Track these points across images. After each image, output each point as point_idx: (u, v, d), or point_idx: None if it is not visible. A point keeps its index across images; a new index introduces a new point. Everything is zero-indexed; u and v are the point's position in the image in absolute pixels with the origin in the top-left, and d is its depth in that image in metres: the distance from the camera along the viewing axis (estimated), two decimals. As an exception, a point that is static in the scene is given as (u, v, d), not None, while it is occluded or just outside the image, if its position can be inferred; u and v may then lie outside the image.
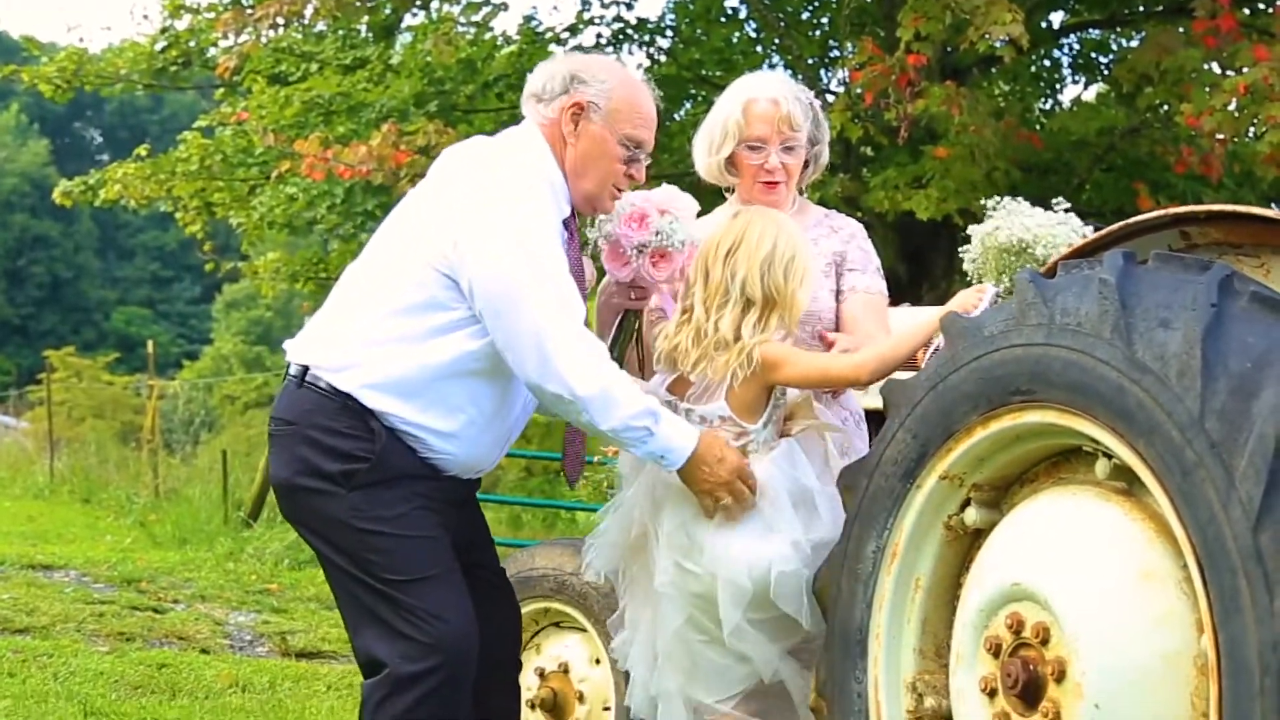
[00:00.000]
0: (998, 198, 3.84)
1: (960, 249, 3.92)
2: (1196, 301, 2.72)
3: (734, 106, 4.05)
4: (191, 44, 14.26)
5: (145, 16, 19.08)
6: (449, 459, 3.61)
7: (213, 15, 13.70)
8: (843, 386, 3.92)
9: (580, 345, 3.49)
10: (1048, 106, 14.34)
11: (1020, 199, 3.80)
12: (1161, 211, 3.16)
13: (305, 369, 3.59)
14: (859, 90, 10.70)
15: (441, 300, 3.52)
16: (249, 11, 12.45)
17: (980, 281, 3.74)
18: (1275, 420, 2.51)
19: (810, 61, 13.05)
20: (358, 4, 12.76)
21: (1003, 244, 3.70)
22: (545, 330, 3.44)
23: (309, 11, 12.38)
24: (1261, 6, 12.00)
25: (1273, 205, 12.40)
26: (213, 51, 14.02)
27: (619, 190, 3.76)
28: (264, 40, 12.92)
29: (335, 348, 3.58)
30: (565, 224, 3.69)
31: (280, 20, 12.23)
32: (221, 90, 15.04)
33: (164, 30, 14.37)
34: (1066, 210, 3.73)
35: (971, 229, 3.83)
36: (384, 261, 3.66)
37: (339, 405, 3.52)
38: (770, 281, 3.67)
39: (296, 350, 3.68)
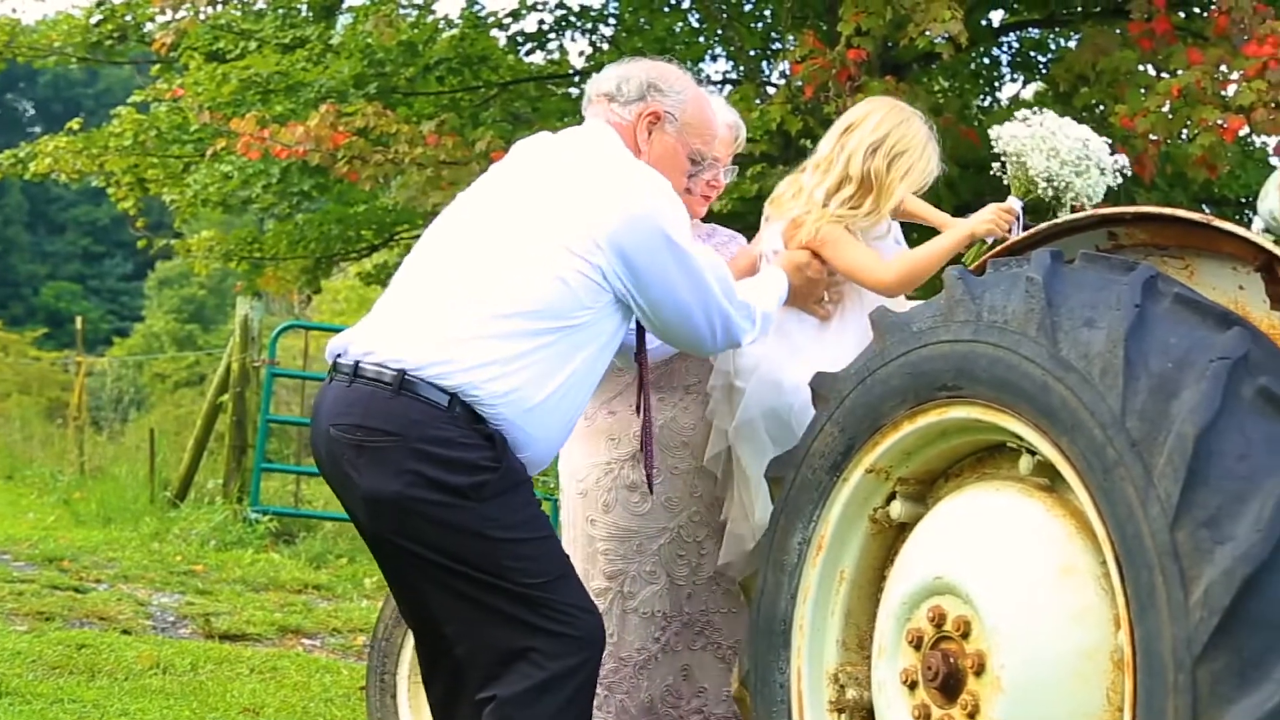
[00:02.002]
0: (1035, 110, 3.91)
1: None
2: (1121, 302, 2.75)
3: None
4: (128, 18, 14.07)
5: (81, -12, 18.82)
6: (532, 458, 3.52)
7: (150, -10, 13.53)
8: (870, 288, 3.99)
9: (737, 302, 3.66)
10: (986, 104, 14.43)
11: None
12: (1089, 212, 3.20)
13: (402, 373, 3.36)
14: (799, 83, 10.73)
15: (577, 298, 3.42)
16: (186, -13, 12.30)
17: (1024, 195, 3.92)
18: (1194, 420, 2.55)
19: (752, 53, 13.08)
20: (298, -18, 12.67)
21: (1062, 155, 3.82)
22: (714, 302, 3.57)
23: (248, -12, 12.27)
24: (1196, 10, 12.13)
25: (1203, 207, 12.58)
26: (149, 27, 13.85)
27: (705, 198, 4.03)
28: (202, 17, 12.77)
29: (441, 350, 3.37)
30: None
31: (218, -2, 12.10)
32: (158, 66, 14.85)
33: (99, 3, 14.17)
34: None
35: (1018, 133, 3.90)
36: (491, 256, 3.47)
37: (448, 414, 3.33)
38: (872, 166, 3.92)
39: (382, 350, 3.42)
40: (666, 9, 13.74)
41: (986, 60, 14.21)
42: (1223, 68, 10.03)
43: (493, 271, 3.45)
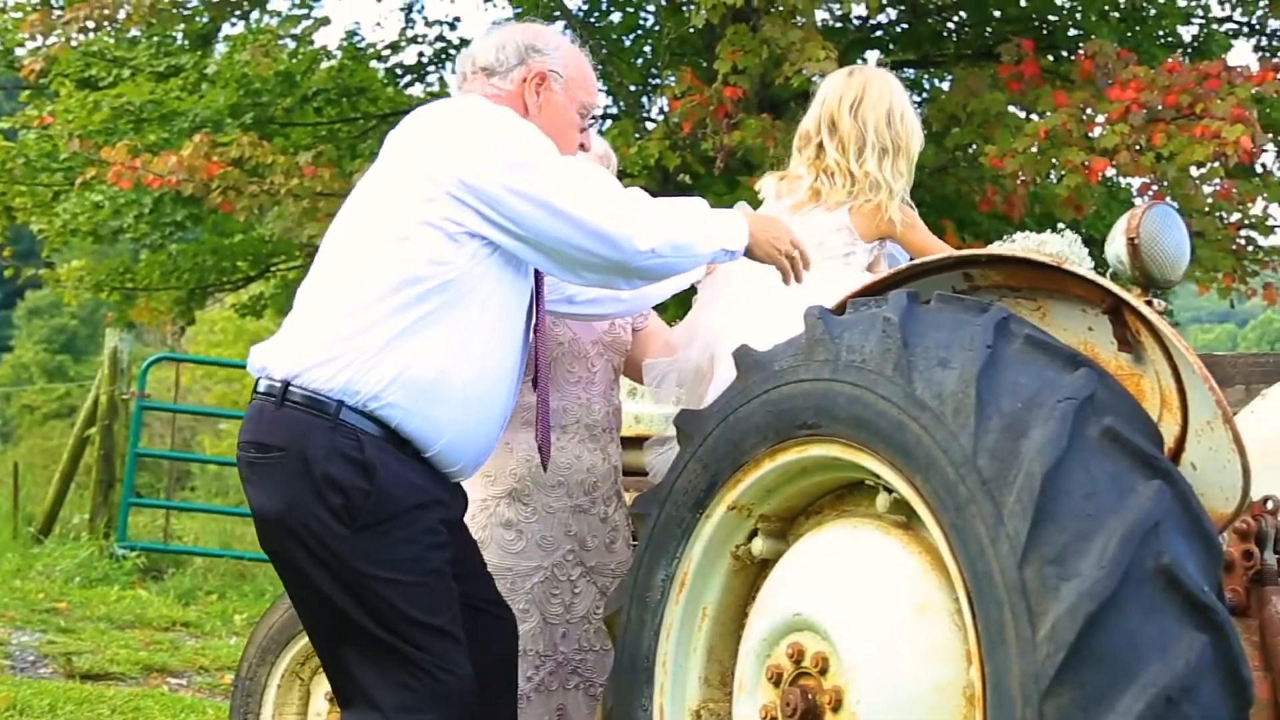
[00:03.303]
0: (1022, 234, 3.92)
1: None
2: (973, 342, 2.80)
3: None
4: (-4, 43, 13.82)
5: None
6: (454, 451, 3.38)
7: (19, 15, 13.28)
8: None
9: (633, 205, 3.42)
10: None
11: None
12: (945, 254, 3.25)
13: (285, 384, 3.27)
14: (678, 119, 10.82)
15: (427, 253, 3.26)
16: (57, 14, 12.10)
17: None
18: (1042, 459, 2.60)
19: (631, 89, 13.16)
20: (173, 11, 12.51)
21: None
22: (611, 207, 3.34)
23: (121, 15, 12.09)
24: (1064, 54, 12.43)
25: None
26: (19, 52, 13.60)
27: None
28: (74, 43, 12.58)
29: (320, 351, 3.27)
30: None
31: (90, 24, 11.91)
32: (27, 92, 14.57)
33: (-34, 28, 13.90)
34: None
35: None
36: (348, 243, 3.38)
37: (331, 422, 3.23)
38: (894, 132, 4.06)
39: (272, 362, 3.34)
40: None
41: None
42: (1088, 110, 10.31)
43: (350, 257, 3.36)
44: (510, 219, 3.29)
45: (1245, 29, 13.62)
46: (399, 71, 14.28)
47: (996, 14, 12.85)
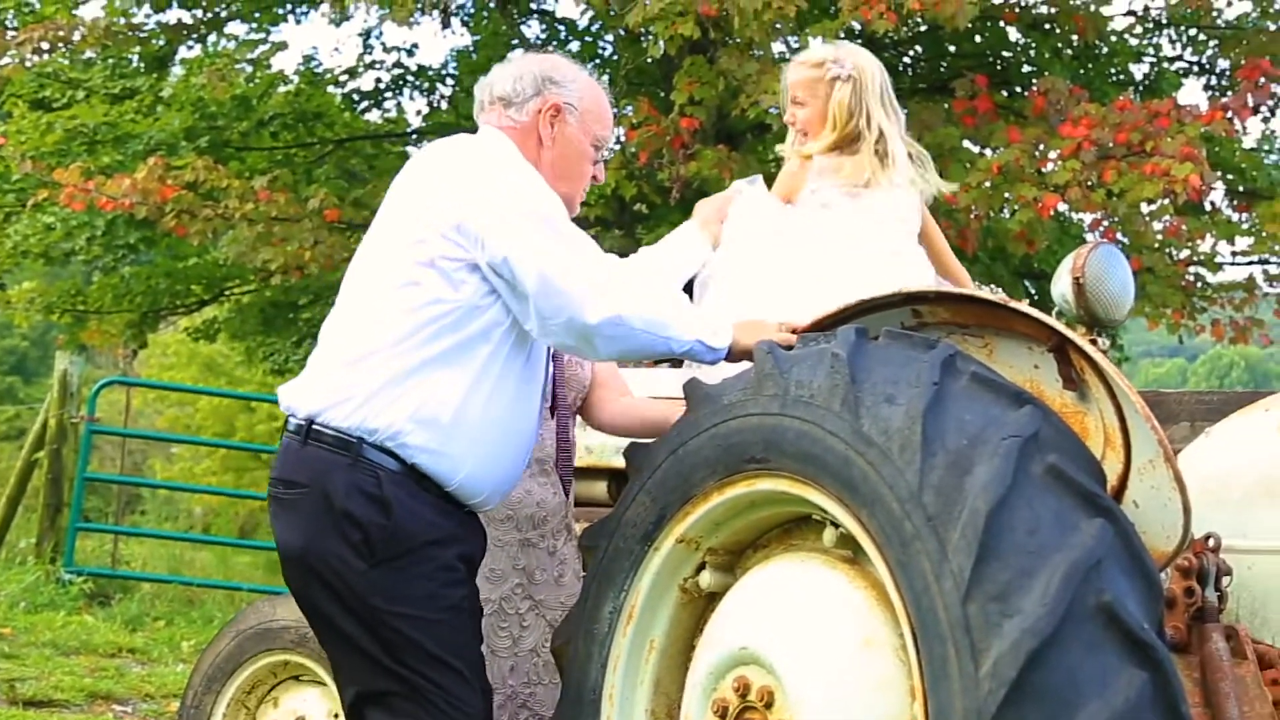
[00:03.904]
0: None
1: None
2: (920, 379, 2.83)
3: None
4: (-52, 63, 13.73)
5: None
6: (475, 484, 3.40)
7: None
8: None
9: (627, 275, 3.45)
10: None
11: None
12: (894, 290, 3.28)
13: (309, 421, 3.33)
14: (634, 149, 10.86)
15: (434, 293, 3.31)
16: (11, 35, 12.04)
17: None
18: (986, 496, 2.63)
19: (588, 117, 13.18)
20: (129, 34, 12.47)
21: None
22: (589, 268, 3.32)
23: (76, 37, 12.05)
24: (1018, 89, 12.56)
25: (1024, 281, 12.98)
26: (-27, 72, 13.53)
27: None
28: (28, 64, 12.51)
29: (340, 390, 3.32)
30: None
31: (45, 46, 11.86)
32: (-21, 112, 14.49)
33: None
34: None
35: None
36: (364, 281, 3.44)
37: (350, 458, 3.28)
38: (894, 112, 4.08)
39: (298, 400, 3.40)
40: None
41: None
42: (1041, 146, 10.41)
43: (363, 296, 3.42)
44: (490, 261, 3.32)
45: (1195, 68, 13.81)
46: (356, 97, 14.28)
47: (951, 49, 12.98)
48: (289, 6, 13.65)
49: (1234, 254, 12.44)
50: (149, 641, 9.29)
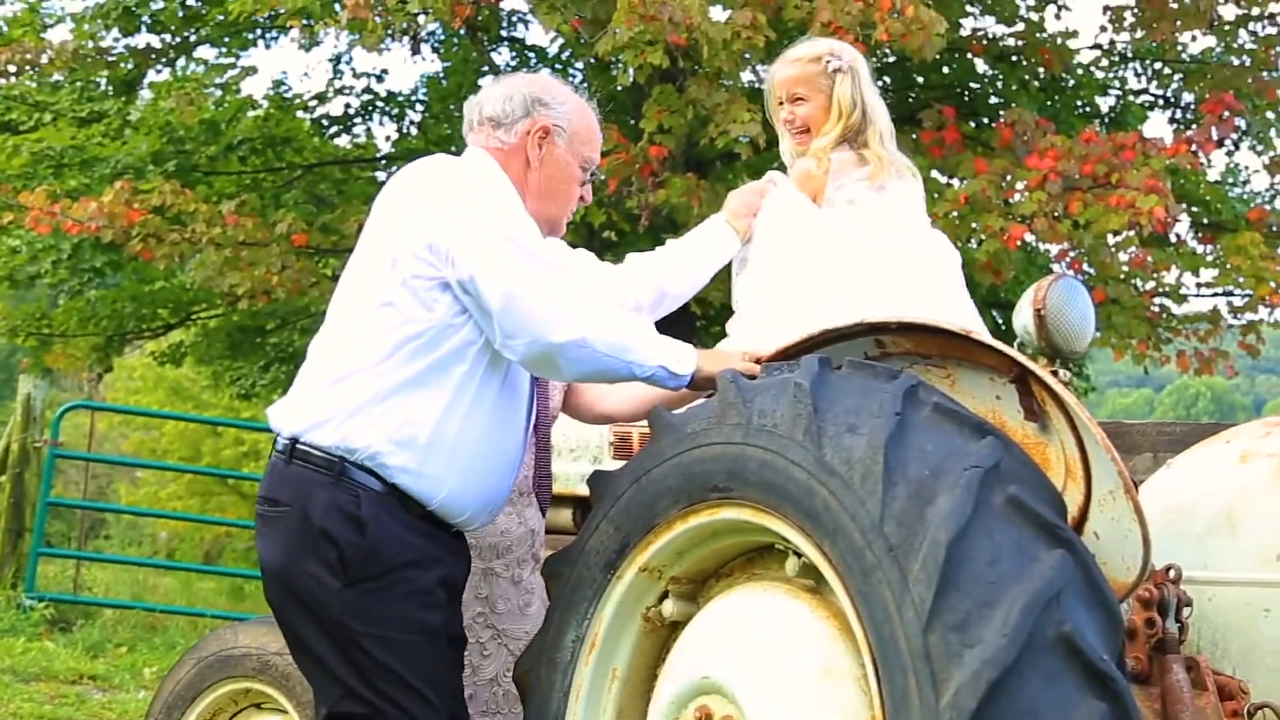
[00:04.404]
0: None
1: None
2: (882, 409, 2.84)
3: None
4: (-86, 85, 13.68)
5: None
6: (458, 503, 3.41)
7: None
8: None
9: (589, 299, 3.44)
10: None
11: None
12: (858, 320, 3.29)
13: (293, 440, 3.37)
14: (603, 176, 10.88)
15: (408, 313, 3.33)
16: (-23, 57, 12.01)
17: None
18: (947, 526, 2.63)
19: (558, 144, 13.20)
20: (97, 57, 12.44)
21: None
22: (554, 289, 3.32)
23: (44, 60, 12.01)
24: (985, 120, 12.65)
25: (991, 311, 13.03)
26: (-61, 94, 13.47)
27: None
28: (-5, 87, 12.50)
29: (322, 409, 3.35)
30: None
31: (12, 68, 11.82)
32: (-55, 135, 14.42)
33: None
34: None
35: None
36: (344, 301, 3.46)
37: (331, 477, 3.31)
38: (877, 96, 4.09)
39: (283, 419, 3.43)
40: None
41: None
42: (1008, 177, 10.48)
43: (345, 317, 3.45)
44: (459, 279, 3.33)
45: (1160, 101, 13.94)
46: (325, 122, 14.28)
47: (920, 80, 13.07)
48: (258, 31, 13.64)
49: (1199, 286, 12.53)
50: (110, 668, 9.21)
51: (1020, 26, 12.90)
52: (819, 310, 3.55)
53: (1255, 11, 12.29)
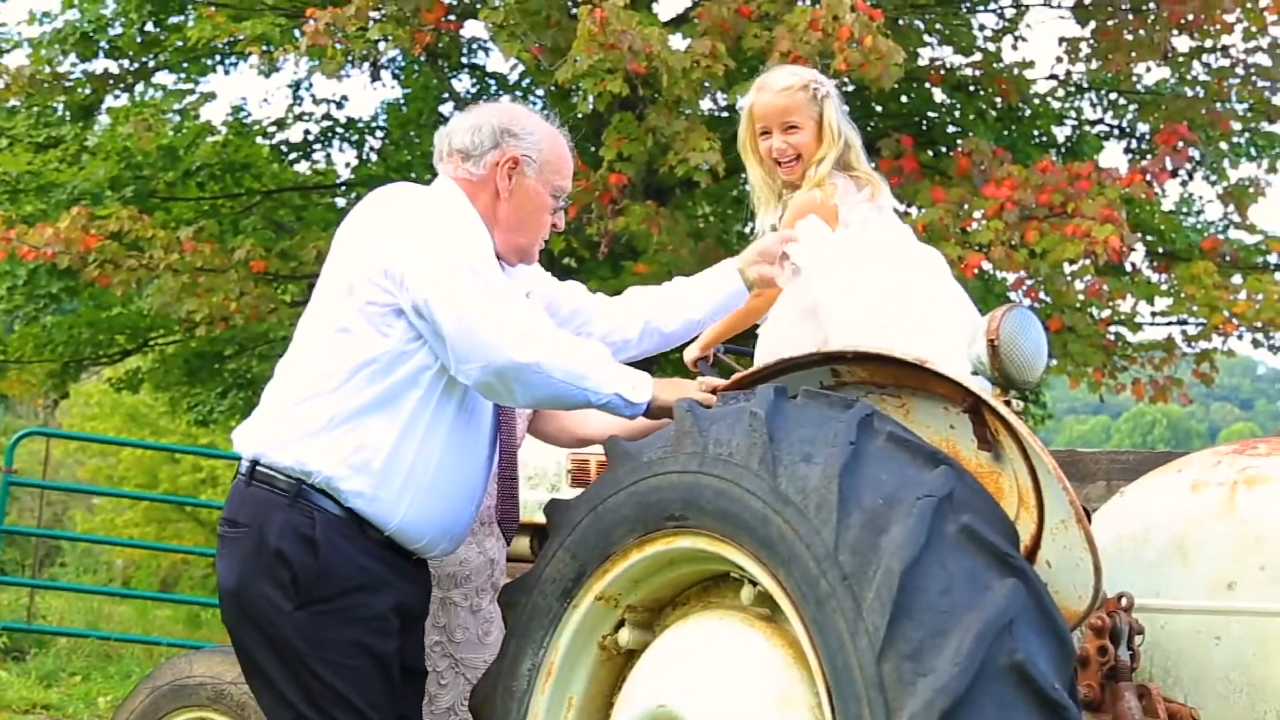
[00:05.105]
0: None
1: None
2: (837, 438, 2.85)
3: None
4: None
5: None
6: (414, 529, 3.42)
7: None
8: None
9: (546, 325, 3.41)
10: (747, 230, 14.85)
11: None
12: (813, 350, 3.31)
13: (254, 462, 3.39)
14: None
15: (363, 339, 3.35)
16: (-68, 83, 11.94)
17: None
18: (901, 555, 2.65)
19: (518, 171, 13.21)
20: (54, 82, 12.39)
21: None
22: (508, 313, 3.31)
23: (0, 85, 11.95)
24: (943, 150, 12.74)
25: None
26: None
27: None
28: (-51, 112, 12.42)
29: (282, 431, 3.39)
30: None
31: (-33, 94, 11.76)
32: (-100, 160, 14.30)
33: None
34: None
35: None
36: (305, 326, 3.49)
37: (288, 498, 3.33)
38: None
39: (245, 442, 3.46)
40: (435, 124, 13.84)
41: (746, 188, 14.61)
42: (965, 206, 10.56)
43: (306, 342, 3.48)
44: (413, 303, 3.34)
45: (1116, 132, 14.08)
46: (285, 148, 14.24)
47: (878, 109, 13.15)
48: (218, 57, 13.61)
49: (1153, 314, 12.65)
50: (64, 698, 9.14)
51: (978, 57, 13.03)
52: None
53: (1208, 44, 12.45)
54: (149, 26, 13.08)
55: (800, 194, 4.04)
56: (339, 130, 14.18)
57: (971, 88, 12.97)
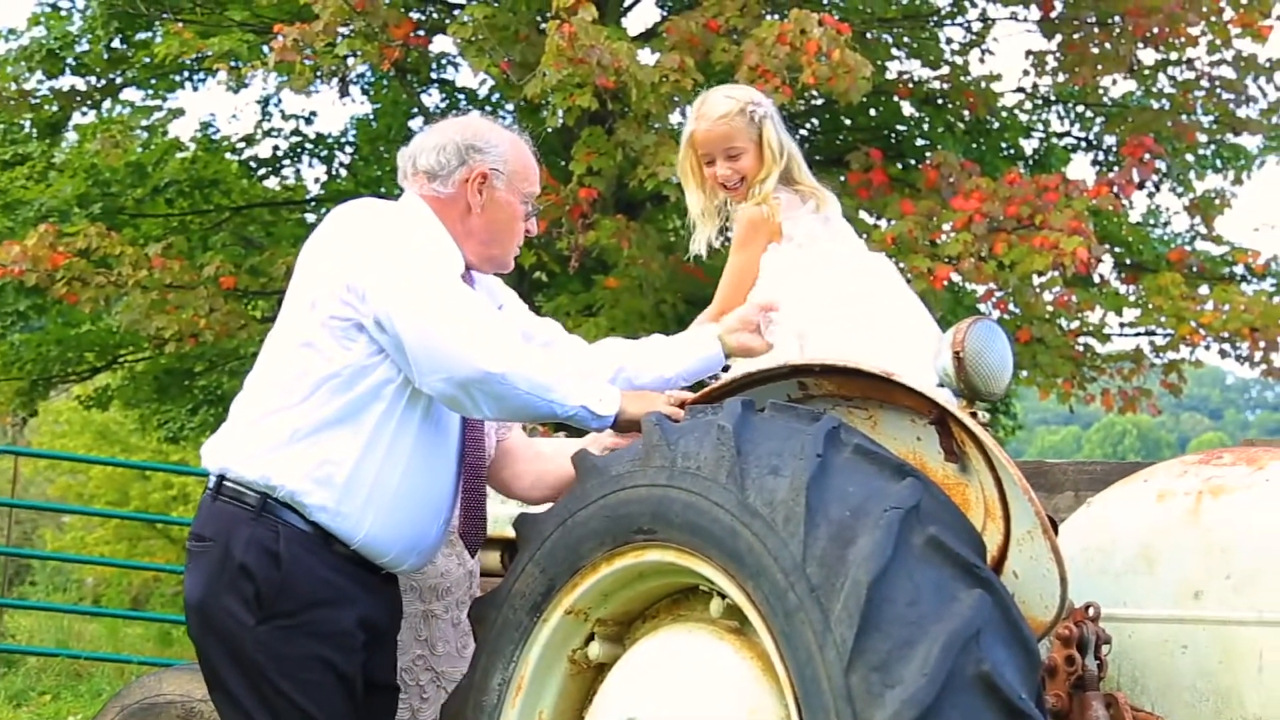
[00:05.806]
0: None
1: None
2: (804, 451, 2.86)
3: None
4: None
5: None
6: (379, 544, 3.42)
7: None
8: None
9: (503, 332, 3.40)
10: (718, 244, 14.86)
11: None
12: (780, 362, 3.32)
13: (221, 477, 3.41)
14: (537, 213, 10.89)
15: (325, 353, 3.37)
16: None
17: None
18: (868, 567, 2.66)
19: (488, 186, 13.21)
20: (20, 99, 12.34)
21: None
22: (472, 324, 3.31)
23: (-34, 102, 11.92)
24: (912, 163, 12.80)
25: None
26: None
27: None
28: (-85, 129, 12.36)
29: (247, 446, 3.40)
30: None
31: (-66, 111, 11.71)
32: None
33: None
34: None
35: None
36: (274, 347, 3.50)
37: (253, 513, 3.34)
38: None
39: (211, 456, 3.48)
40: (405, 139, 13.82)
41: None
42: (934, 218, 10.62)
43: (271, 358, 3.49)
44: (375, 317, 3.34)
45: (1083, 144, 14.18)
46: (254, 164, 14.21)
47: (847, 123, 13.21)
48: (186, 74, 13.58)
49: (1122, 325, 12.73)
50: (34, 717, 9.09)
51: (945, 70, 13.10)
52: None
53: (1173, 57, 12.55)
54: (116, 43, 13.04)
55: (746, 206, 4.07)
56: (308, 146, 14.16)
57: (939, 101, 13.04)
